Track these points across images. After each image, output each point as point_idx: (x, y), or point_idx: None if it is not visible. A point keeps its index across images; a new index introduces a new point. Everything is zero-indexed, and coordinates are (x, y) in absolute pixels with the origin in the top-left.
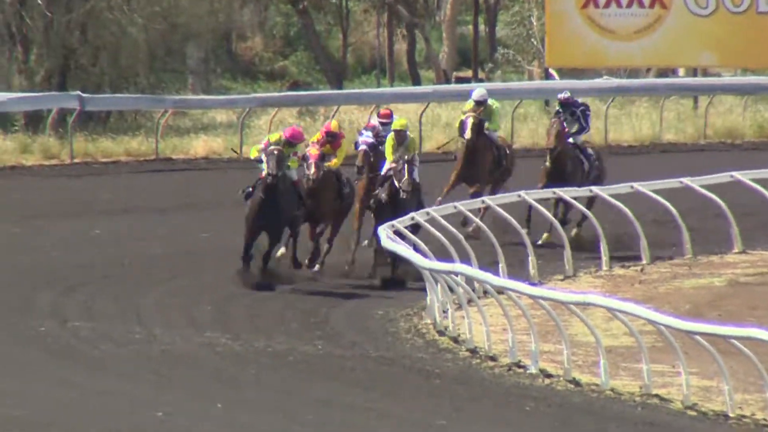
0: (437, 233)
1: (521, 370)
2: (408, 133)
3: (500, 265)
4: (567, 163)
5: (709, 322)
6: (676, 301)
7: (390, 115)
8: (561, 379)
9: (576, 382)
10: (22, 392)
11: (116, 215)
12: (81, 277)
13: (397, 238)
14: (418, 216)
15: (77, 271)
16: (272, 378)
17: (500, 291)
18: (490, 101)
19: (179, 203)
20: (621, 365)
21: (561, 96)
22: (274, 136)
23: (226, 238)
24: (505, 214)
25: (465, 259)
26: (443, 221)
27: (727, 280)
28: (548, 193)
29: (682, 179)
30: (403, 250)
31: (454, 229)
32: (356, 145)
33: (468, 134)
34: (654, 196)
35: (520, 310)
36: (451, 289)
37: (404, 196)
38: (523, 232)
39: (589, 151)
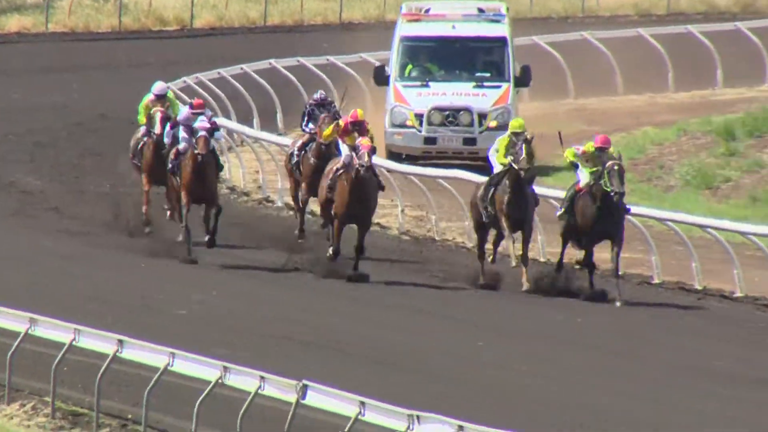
0: (204, 93)
1: (270, 204)
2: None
3: (254, 120)
4: None
5: (422, 166)
6: None
7: (203, 106)
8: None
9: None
10: None
11: None
12: None
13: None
14: (190, 79)
15: None
16: None
17: (255, 140)
18: (169, 93)
19: None
20: None
21: (317, 96)
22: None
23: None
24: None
25: (225, 114)
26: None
27: None
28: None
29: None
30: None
31: (218, 90)
32: (171, 131)
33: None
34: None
35: (270, 155)
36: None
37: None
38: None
39: None
